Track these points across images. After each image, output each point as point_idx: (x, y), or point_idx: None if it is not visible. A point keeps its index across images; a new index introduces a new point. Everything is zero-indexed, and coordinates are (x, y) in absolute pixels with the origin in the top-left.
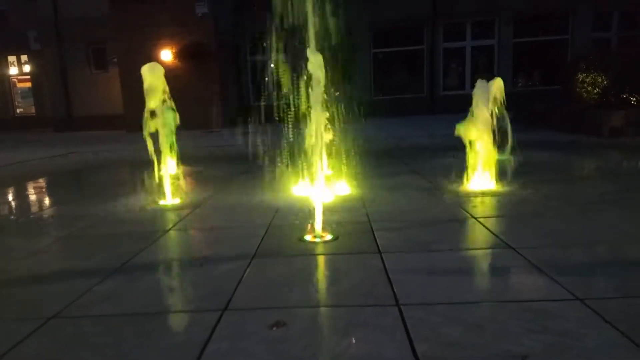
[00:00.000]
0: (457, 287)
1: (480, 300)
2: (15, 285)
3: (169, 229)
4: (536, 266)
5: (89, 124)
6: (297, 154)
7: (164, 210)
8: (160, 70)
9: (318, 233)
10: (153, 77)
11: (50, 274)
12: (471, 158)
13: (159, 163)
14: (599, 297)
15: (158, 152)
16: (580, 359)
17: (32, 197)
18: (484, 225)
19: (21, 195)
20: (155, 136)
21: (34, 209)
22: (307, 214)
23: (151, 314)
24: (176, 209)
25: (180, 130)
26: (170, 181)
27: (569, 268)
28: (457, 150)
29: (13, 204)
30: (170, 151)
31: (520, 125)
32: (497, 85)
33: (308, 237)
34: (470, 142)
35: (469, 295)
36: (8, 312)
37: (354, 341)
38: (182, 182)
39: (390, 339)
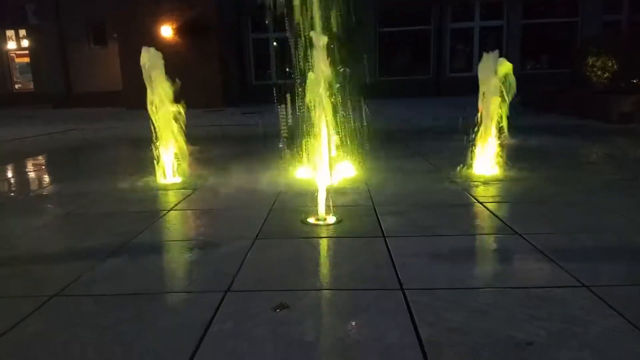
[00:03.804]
0: (461, 272)
1: (485, 286)
2: (16, 263)
3: (170, 209)
4: (542, 252)
5: (88, 101)
6: (300, 134)
7: (164, 189)
8: (159, 57)
9: (321, 216)
10: (152, 64)
11: (50, 253)
12: (478, 140)
13: (159, 142)
14: (605, 283)
15: (158, 131)
16: (584, 347)
17: (32, 175)
18: (489, 210)
19: (20, 172)
20: (156, 115)
21: (34, 186)
22: (310, 197)
23: (153, 294)
24: (177, 188)
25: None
26: (170, 160)
27: (574, 254)
28: (463, 133)
29: (12, 181)
30: (171, 130)
31: (528, 108)
32: (504, 68)
33: (311, 220)
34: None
35: (474, 280)
36: (9, 290)
37: (357, 325)
38: (183, 161)
39: (394, 323)
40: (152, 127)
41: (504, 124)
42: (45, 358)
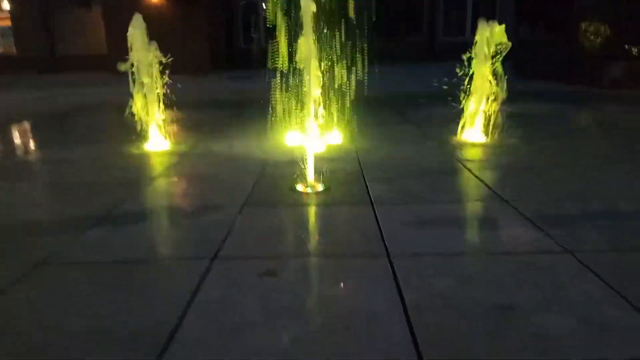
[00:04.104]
0: (448, 239)
1: (471, 253)
2: (2, 232)
3: (157, 176)
4: (528, 219)
5: (72, 64)
6: (288, 100)
7: (151, 156)
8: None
9: (310, 183)
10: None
11: (37, 221)
12: (469, 107)
13: (145, 108)
14: (590, 250)
15: (144, 96)
16: (565, 312)
17: (17, 141)
18: (477, 177)
19: (5, 139)
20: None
21: (19, 152)
22: (298, 163)
23: (140, 262)
24: (164, 155)
25: (166, 74)
26: (157, 126)
27: (561, 221)
28: (455, 99)
29: None
30: (157, 96)
31: (520, 74)
32: (497, 32)
33: (299, 187)
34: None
35: (460, 247)
36: None
37: (343, 291)
38: (170, 127)
39: (380, 289)
40: (138, 93)
41: (496, 90)
42: (32, 327)
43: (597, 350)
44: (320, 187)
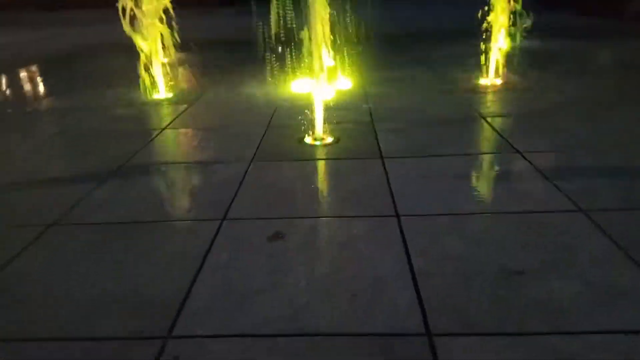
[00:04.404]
0: (457, 196)
1: (481, 212)
2: (13, 189)
3: (164, 128)
4: (541, 172)
5: (73, 1)
6: (298, 40)
7: (158, 104)
8: None
9: (318, 135)
10: None
11: (46, 178)
12: (485, 45)
13: (149, 50)
14: (602, 208)
15: (147, 38)
16: (575, 275)
17: (20, 88)
18: (491, 126)
19: (9, 85)
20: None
21: (23, 100)
22: (307, 112)
23: (150, 223)
24: (171, 103)
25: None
26: (164, 71)
27: (575, 175)
28: (471, 36)
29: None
30: (160, 35)
31: (539, 4)
32: None
33: (308, 140)
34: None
35: (470, 205)
36: (8, 218)
37: (350, 255)
38: (176, 71)
39: (388, 253)
40: (141, 35)
41: (516, 27)
42: (46, 290)
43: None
44: (329, 139)
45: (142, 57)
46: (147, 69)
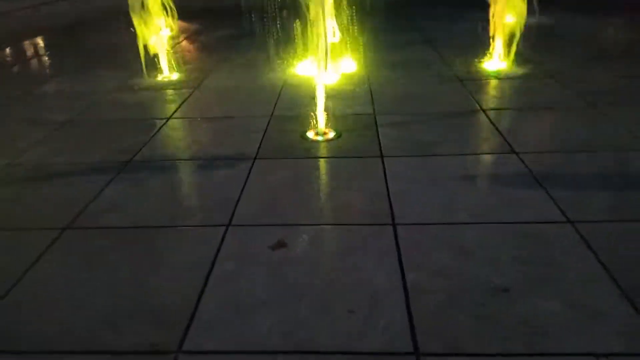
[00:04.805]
0: (453, 203)
1: (474, 222)
2: (22, 186)
3: (170, 117)
4: (536, 178)
5: None
6: (302, 17)
7: (161, 88)
8: None
9: (320, 130)
10: None
11: (56, 173)
12: (491, 23)
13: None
14: (590, 219)
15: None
16: (557, 295)
17: (21, 65)
18: (490, 121)
19: (10, 62)
20: None
21: (26, 81)
22: (309, 104)
23: (159, 228)
24: (174, 87)
25: None
26: (166, 48)
27: (567, 181)
28: (479, 9)
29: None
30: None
31: None
32: None
33: (310, 135)
34: None
35: (464, 214)
36: (23, 218)
37: (347, 267)
38: (179, 45)
39: (383, 266)
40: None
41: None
42: (61, 301)
43: None
44: (331, 134)
45: (140, 35)
46: (150, 47)
